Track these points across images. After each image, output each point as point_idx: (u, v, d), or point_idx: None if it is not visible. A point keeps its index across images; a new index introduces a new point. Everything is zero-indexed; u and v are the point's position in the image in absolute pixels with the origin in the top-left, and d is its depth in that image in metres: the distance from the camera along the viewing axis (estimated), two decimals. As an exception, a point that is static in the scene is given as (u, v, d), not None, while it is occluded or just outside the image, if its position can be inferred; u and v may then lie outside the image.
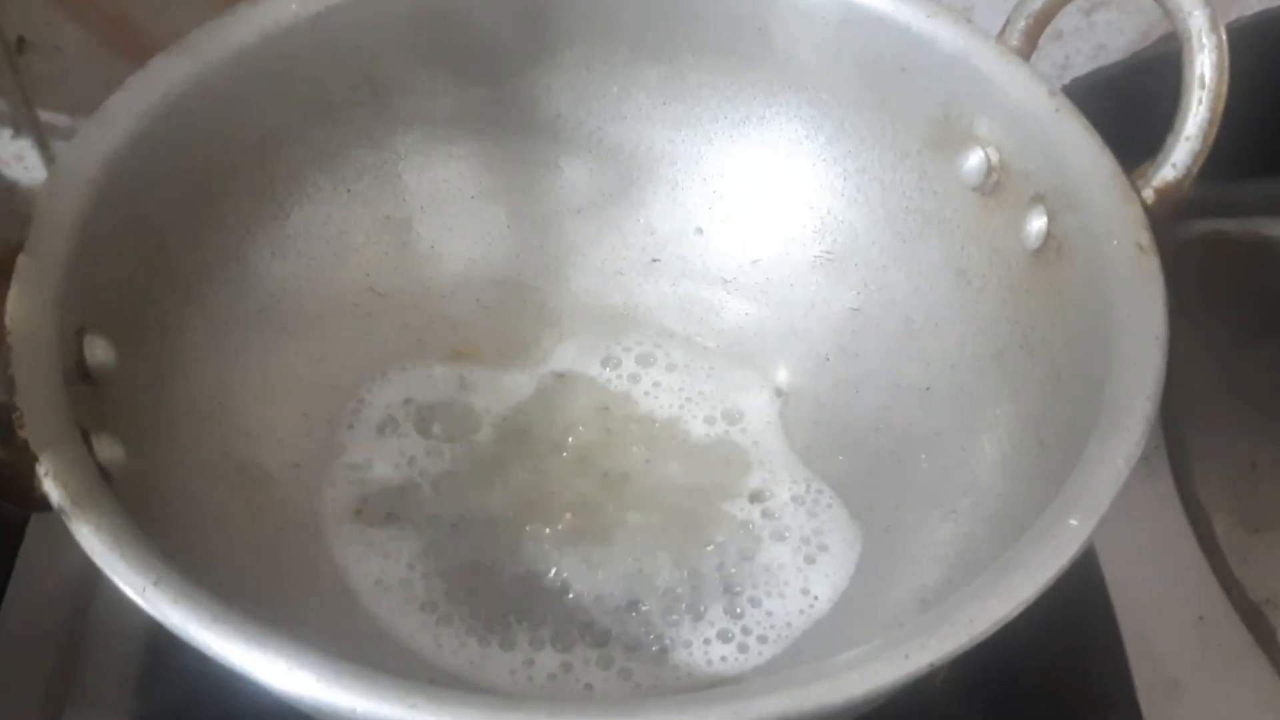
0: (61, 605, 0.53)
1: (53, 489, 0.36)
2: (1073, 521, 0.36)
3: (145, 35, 0.64)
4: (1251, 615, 0.53)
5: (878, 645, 0.33)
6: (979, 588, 0.35)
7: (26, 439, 0.36)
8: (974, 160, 0.50)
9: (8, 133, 0.65)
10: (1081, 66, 0.71)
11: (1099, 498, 0.36)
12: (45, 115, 0.64)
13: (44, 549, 0.54)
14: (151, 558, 0.34)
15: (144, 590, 0.34)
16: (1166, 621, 0.53)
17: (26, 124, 0.64)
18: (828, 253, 0.56)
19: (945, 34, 0.50)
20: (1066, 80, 0.69)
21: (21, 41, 0.63)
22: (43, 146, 0.66)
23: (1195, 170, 0.44)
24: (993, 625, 0.34)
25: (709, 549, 0.50)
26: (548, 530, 0.50)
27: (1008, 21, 0.50)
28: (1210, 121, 0.44)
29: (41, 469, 0.36)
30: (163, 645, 0.50)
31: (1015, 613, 0.34)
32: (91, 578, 0.52)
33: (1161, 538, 0.55)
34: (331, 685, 0.32)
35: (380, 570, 0.49)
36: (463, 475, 0.52)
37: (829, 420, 0.54)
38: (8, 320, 0.39)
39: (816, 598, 0.48)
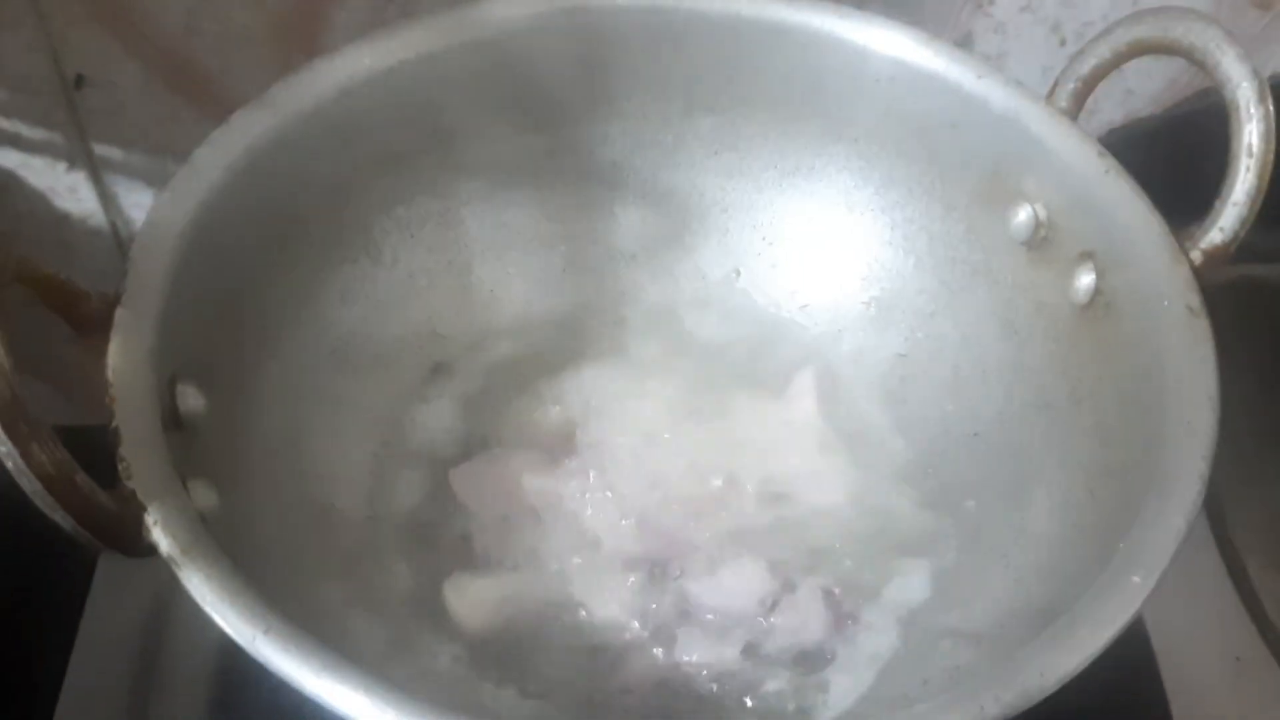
0: (133, 639, 0.54)
1: (161, 539, 0.37)
2: (1135, 578, 0.37)
3: (200, 72, 0.65)
4: (1286, 656, 0.54)
5: (954, 697, 0.35)
6: (1047, 641, 0.36)
7: (134, 489, 0.38)
8: (1022, 216, 0.52)
9: (63, 165, 0.67)
10: (1109, 111, 0.72)
11: (1159, 555, 0.38)
12: (99, 149, 0.66)
13: (115, 583, 0.55)
14: (260, 606, 0.36)
15: (253, 639, 0.35)
16: (1204, 662, 0.55)
17: (81, 157, 0.66)
18: (875, 299, 0.58)
19: (996, 94, 0.52)
20: (1095, 124, 0.71)
21: (80, 78, 0.64)
22: (96, 179, 0.67)
23: (1242, 234, 0.46)
24: (1063, 678, 0.35)
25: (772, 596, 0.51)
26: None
27: (1056, 83, 0.52)
28: (1258, 189, 0.46)
29: (150, 519, 0.37)
30: (233, 679, 0.52)
31: (1082, 666, 0.36)
32: (163, 611, 0.54)
33: (1198, 581, 0.57)
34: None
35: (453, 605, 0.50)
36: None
37: (880, 465, 0.55)
38: (110, 373, 0.41)
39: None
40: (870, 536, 0.53)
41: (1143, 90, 0.73)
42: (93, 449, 0.38)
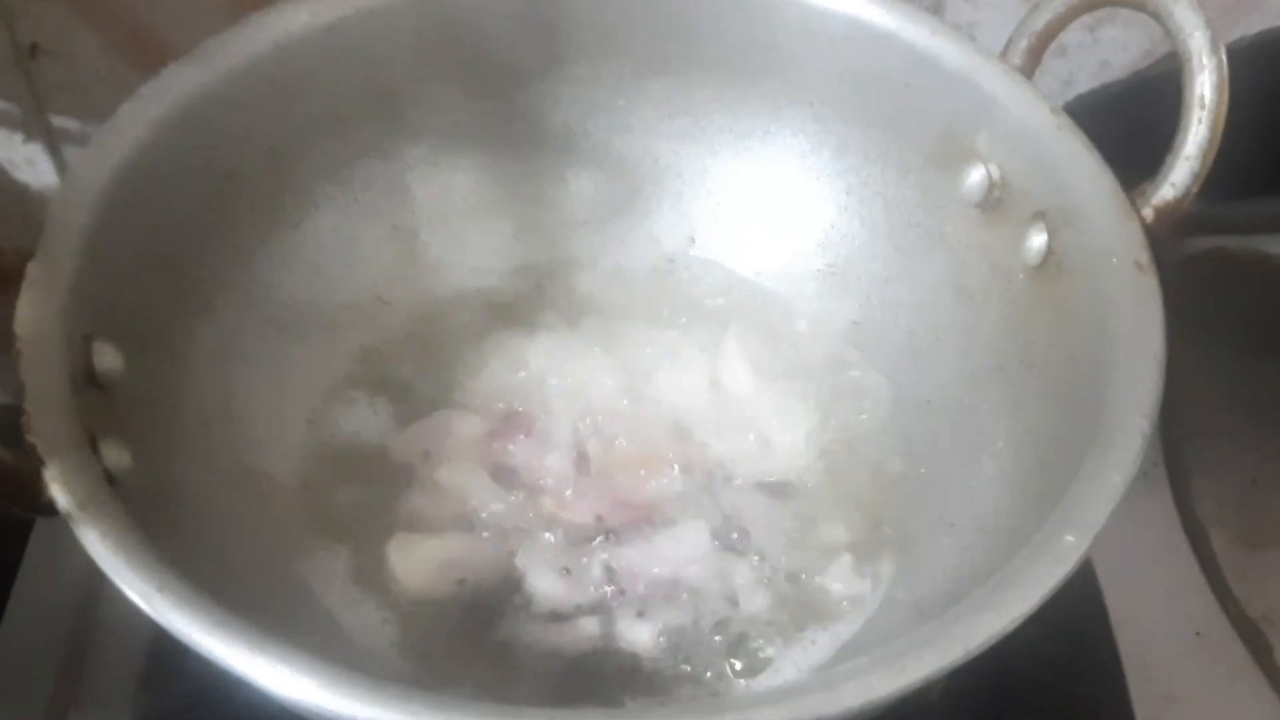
0: (66, 608, 0.53)
1: (59, 494, 0.36)
2: (1069, 538, 0.36)
3: (159, 43, 0.64)
4: (1248, 631, 0.53)
5: (875, 658, 0.33)
6: (975, 602, 0.35)
7: (34, 444, 0.37)
8: (975, 177, 0.51)
9: (19, 137, 0.65)
10: (1085, 82, 0.71)
11: (1095, 514, 0.37)
12: (57, 120, 0.64)
13: (49, 552, 0.54)
14: (156, 564, 0.35)
15: (148, 596, 0.34)
16: (1163, 637, 0.54)
17: (38, 129, 0.65)
18: (830, 265, 0.57)
19: (949, 52, 0.50)
20: (1071, 96, 0.70)
21: (35, 48, 0.63)
22: (54, 151, 0.66)
23: (1194, 190, 0.45)
24: (988, 640, 0.34)
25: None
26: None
27: (1010, 40, 0.51)
28: (1210, 142, 0.44)
29: (48, 474, 0.36)
30: (167, 649, 0.50)
31: (1010, 628, 0.34)
32: (96, 581, 0.53)
33: (1159, 553, 0.56)
34: (333, 692, 0.32)
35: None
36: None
37: (831, 433, 0.54)
38: (18, 326, 0.40)
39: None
40: (817, 504, 0.52)
41: (1118, 62, 0.71)
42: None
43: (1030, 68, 0.50)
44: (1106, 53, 0.71)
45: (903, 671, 0.33)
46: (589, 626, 0.48)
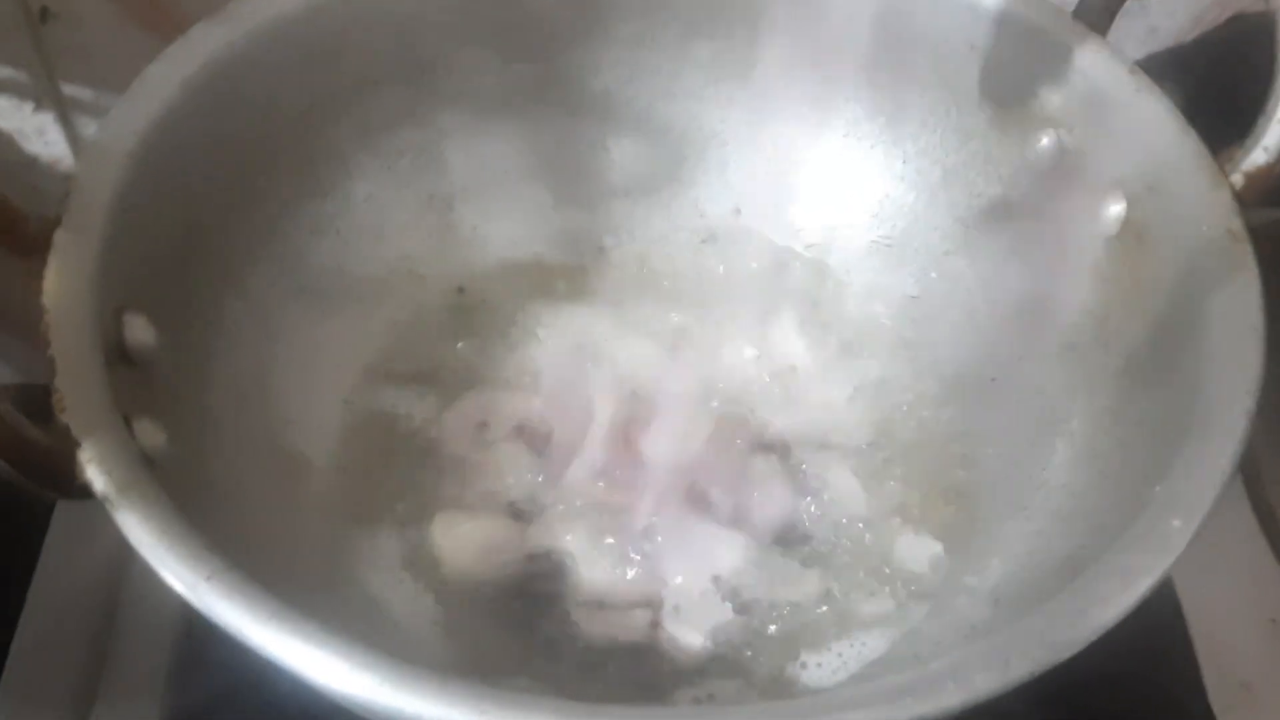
0: (90, 594, 0.51)
1: (96, 476, 0.34)
2: (1175, 523, 0.34)
3: (171, 7, 0.62)
4: (1325, 619, 0.51)
5: (975, 653, 0.31)
6: (1078, 593, 0.33)
7: (68, 424, 0.34)
8: (1045, 142, 0.48)
9: (29, 106, 0.63)
10: (1132, 50, 0.69)
11: (1202, 497, 0.35)
12: (67, 88, 0.62)
13: (71, 536, 0.52)
14: (204, 551, 0.32)
15: (195, 586, 0.32)
16: (1237, 625, 0.52)
17: (48, 97, 0.62)
18: (886, 238, 0.55)
19: (1018, 10, 0.48)
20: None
21: (45, 11, 0.61)
22: (65, 120, 0.64)
23: (1289, 153, 0.43)
24: (1096, 631, 0.32)
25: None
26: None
27: (1083, -3, 0.48)
28: (1305, 102, 0.42)
29: (84, 455, 0.34)
30: (196, 636, 0.49)
31: (1118, 619, 0.32)
32: (122, 566, 0.51)
33: (1232, 541, 0.54)
34: (397, 689, 0.30)
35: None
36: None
37: (889, 413, 0.52)
38: (46, 298, 0.37)
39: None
40: (878, 490, 0.50)
41: (1166, 28, 0.69)
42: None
43: (1104, 26, 0.48)
44: (1155, 19, 0.69)
45: (1006, 666, 0.31)
46: (638, 614, 0.46)
